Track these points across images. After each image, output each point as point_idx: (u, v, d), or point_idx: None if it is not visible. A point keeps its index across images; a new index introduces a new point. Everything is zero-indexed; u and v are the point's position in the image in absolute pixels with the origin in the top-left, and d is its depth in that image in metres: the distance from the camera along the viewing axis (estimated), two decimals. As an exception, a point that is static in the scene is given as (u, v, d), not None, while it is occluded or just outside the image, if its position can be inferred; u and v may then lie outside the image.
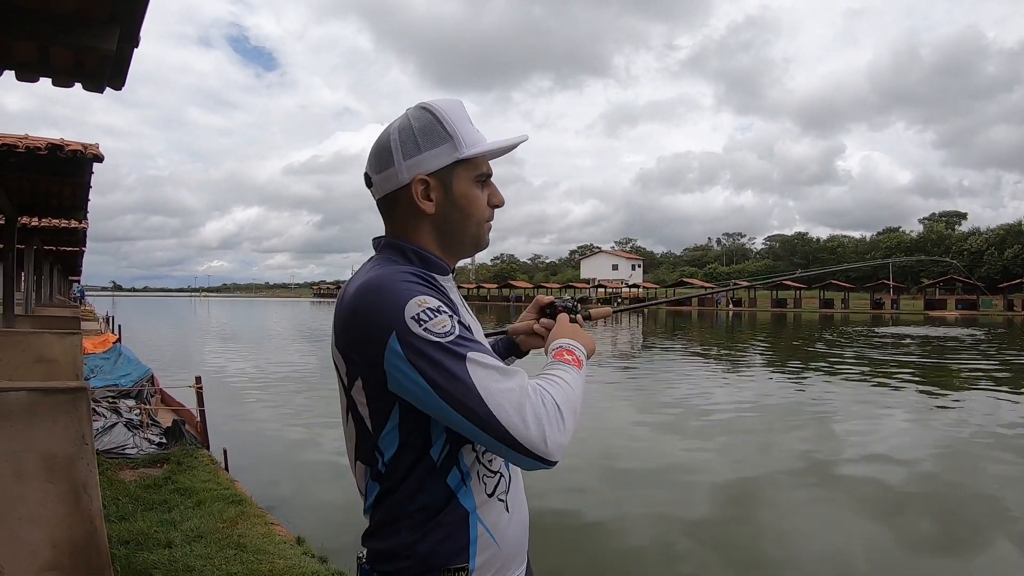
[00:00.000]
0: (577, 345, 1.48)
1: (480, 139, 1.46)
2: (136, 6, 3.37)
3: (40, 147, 6.49)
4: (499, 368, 1.24)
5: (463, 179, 1.44)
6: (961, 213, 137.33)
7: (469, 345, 1.25)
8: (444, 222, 1.45)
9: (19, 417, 3.24)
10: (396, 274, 1.30)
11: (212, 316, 67.65)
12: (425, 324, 1.23)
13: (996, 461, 9.78)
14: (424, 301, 1.25)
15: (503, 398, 1.20)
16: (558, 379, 1.32)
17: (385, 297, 1.26)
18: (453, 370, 1.21)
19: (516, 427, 1.19)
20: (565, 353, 1.44)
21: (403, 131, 1.42)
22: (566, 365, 1.39)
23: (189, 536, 5.32)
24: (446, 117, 1.42)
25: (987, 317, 63.46)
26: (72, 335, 7.51)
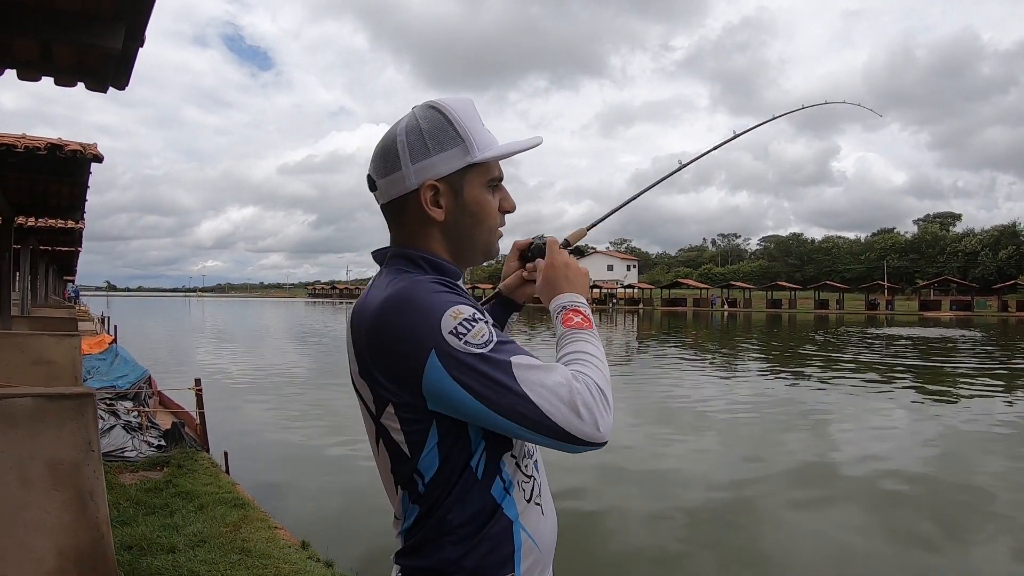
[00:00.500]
0: (579, 299, 1.45)
1: (492, 141, 1.38)
2: (142, 3, 3.31)
3: (39, 147, 6.41)
4: (541, 366, 1.20)
5: (475, 184, 1.37)
6: (955, 214, 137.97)
7: (508, 348, 1.20)
8: (455, 229, 1.39)
9: (24, 423, 3.18)
10: (420, 285, 1.24)
11: (207, 316, 67.49)
12: (465, 336, 1.17)
13: (990, 461, 9.81)
14: (459, 311, 1.19)
15: (553, 396, 1.16)
16: (588, 357, 1.28)
17: (416, 313, 1.19)
18: (501, 380, 1.16)
19: (571, 423, 1.16)
20: (573, 315, 1.40)
21: (411, 132, 1.34)
22: (583, 332, 1.35)
23: (192, 541, 5.25)
24: (457, 117, 1.34)
25: (982, 318, 63.65)
26: (71, 337, 7.43)
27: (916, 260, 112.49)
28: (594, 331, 1.37)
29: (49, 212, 10.90)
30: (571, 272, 1.51)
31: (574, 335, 1.35)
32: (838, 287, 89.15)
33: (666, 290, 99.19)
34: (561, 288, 1.47)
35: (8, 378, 6.43)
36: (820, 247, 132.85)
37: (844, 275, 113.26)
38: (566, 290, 1.47)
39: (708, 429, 11.94)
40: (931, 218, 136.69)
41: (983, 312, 71.56)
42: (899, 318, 63.88)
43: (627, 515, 7.34)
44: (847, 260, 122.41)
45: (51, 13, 3.31)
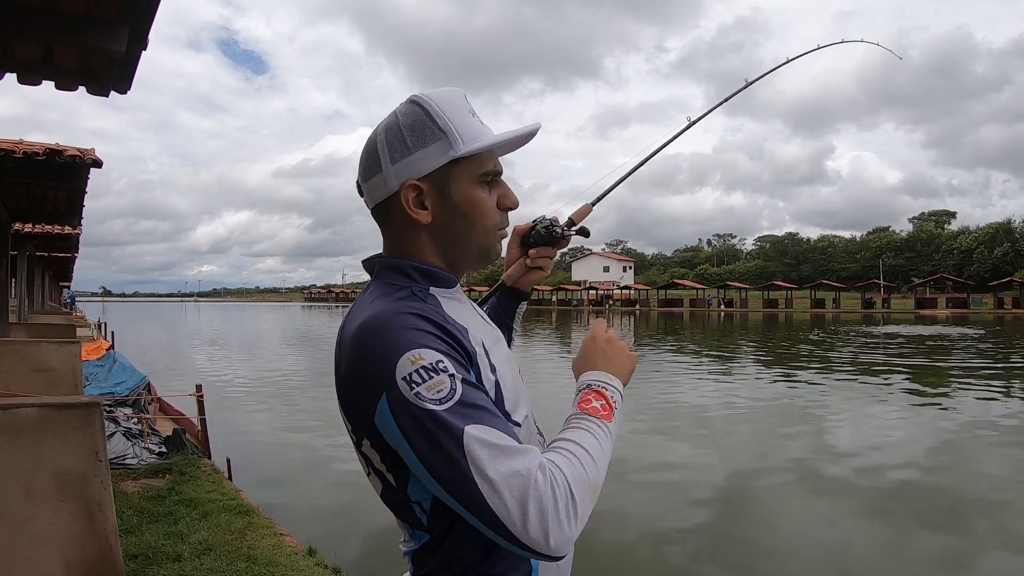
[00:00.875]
0: (610, 382, 1.27)
1: (483, 132, 1.26)
2: (147, 5, 3.25)
3: (38, 152, 6.35)
4: (503, 447, 1.03)
5: (463, 180, 1.25)
6: (950, 212, 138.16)
7: (469, 413, 1.05)
8: (445, 232, 1.27)
9: (29, 434, 3.12)
10: (394, 316, 1.11)
11: (204, 321, 67.41)
12: (417, 387, 1.04)
13: (988, 457, 9.84)
14: (419, 357, 1.06)
15: (503, 485, 1.01)
16: (577, 450, 1.11)
17: (377, 349, 1.08)
18: (445, 446, 1.02)
19: (513, 522, 1.00)
20: (594, 397, 1.23)
21: (390, 131, 1.25)
22: (592, 420, 1.18)
23: (198, 549, 5.19)
24: (438, 109, 1.23)
25: (978, 315, 63.77)
26: (71, 344, 7.38)
27: (912, 258, 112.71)
28: (610, 423, 1.20)
29: (46, 218, 10.83)
30: (612, 349, 1.35)
31: (581, 420, 1.18)
32: (834, 286, 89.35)
33: (662, 291, 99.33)
34: (595, 364, 1.31)
35: (8, 386, 6.38)
36: (816, 246, 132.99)
37: (840, 274, 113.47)
38: (600, 367, 1.30)
39: (706, 429, 11.92)
40: (926, 216, 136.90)
41: (979, 309, 71.73)
42: (895, 316, 63.98)
43: (626, 516, 7.30)
44: (843, 259, 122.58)
45: (54, 14, 3.24)
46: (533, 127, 1.31)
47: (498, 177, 1.30)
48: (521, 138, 1.32)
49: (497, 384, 1.21)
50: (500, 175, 1.31)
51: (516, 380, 1.29)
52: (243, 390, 16.93)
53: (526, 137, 1.33)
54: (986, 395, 15.16)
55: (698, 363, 23.46)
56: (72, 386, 6.94)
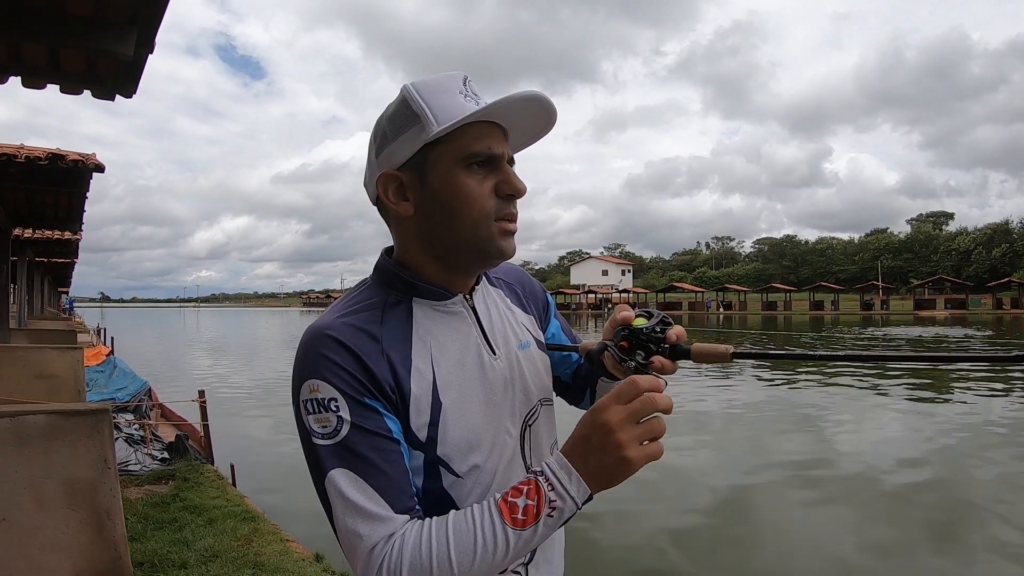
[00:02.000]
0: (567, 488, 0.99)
1: (466, 109, 1.11)
2: (156, 8, 3.22)
3: (40, 157, 6.32)
4: (356, 505, 1.01)
5: (442, 165, 1.12)
6: (948, 213, 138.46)
7: (345, 457, 1.02)
8: (427, 224, 1.16)
9: (38, 441, 3.09)
10: (322, 336, 1.07)
11: (203, 327, 67.35)
12: (310, 416, 1.05)
13: (988, 460, 9.79)
14: (316, 388, 1.04)
15: (343, 537, 1.04)
16: (440, 542, 0.99)
17: (297, 363, 1.09)
18: (315, 475, 1.06)
19: (352, 567, 1.05)
20: (528, 493, 1.00)
21: (378, 124, 1.18)
22: (494, 519, 0.99)
23: (204, 556, 5.16)
24: (414, 93, 1.13)
25: (976, 316, 63.78)
26: (73, 350, 7.33)
27: (910, 260, 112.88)
28: (519, 531, 0.98)
29: (47, 223, 10.79)
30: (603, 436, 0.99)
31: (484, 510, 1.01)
32: (833, 288, 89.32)
33: (661, 294, 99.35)
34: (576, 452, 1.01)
35: (10, 392, 6.33)
36: (814, 248, 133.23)
37: (838, 276, 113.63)
38: (576, 461, 1.00)
39: (705, 432, 11.88)
40: (924, 217, 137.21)
41: (978, 310, 71.72)
42: (894, 318, 63.97)
43: (624, 519, 7.28)
44: (841, 261, 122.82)
45: (62, 18, 3.22)
46: (528, 92, 1.11)
47: (496, 160, 1.15)
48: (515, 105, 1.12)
49: (434, 423, 1.11)
50: (499, 158, 1.15)
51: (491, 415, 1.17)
52: (244, 395, 16.88)
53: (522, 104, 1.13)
54: (987, 397, 15.13)
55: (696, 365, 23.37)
56: (75, 392, 6.90)
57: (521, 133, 1.21)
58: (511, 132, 1.19)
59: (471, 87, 1.16)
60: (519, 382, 1.24)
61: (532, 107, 1.15)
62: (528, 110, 1.15)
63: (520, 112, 1.15)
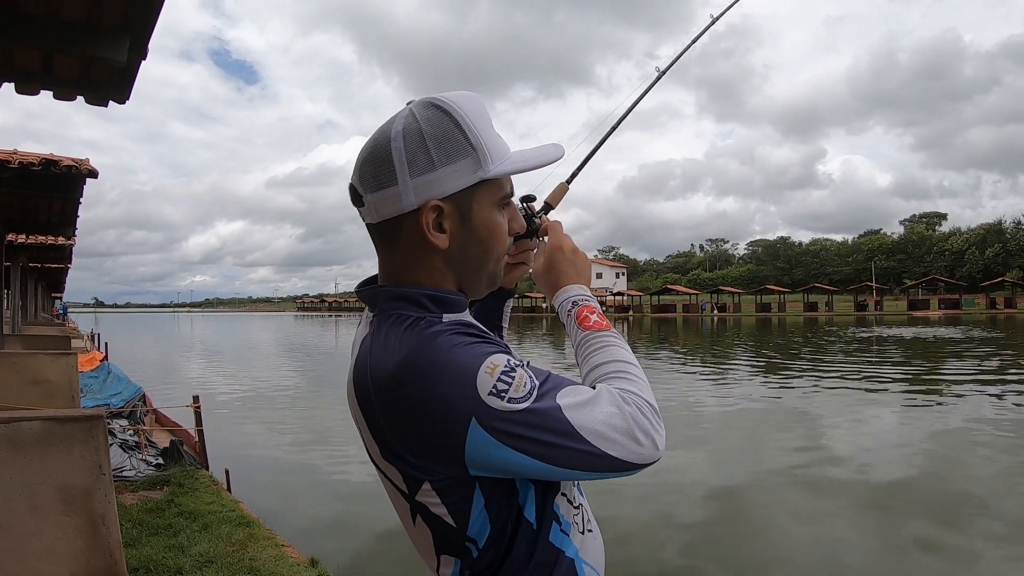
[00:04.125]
0: (588, 293, 1.29)
1: (504, 148, 1.14)
2: (149, 13, 3.23)
3: (34, 162, 6.31)
4: (588, 399, 1.04)
5: (485, 203, 1.14)
6: (941, 214, 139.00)
7: (550, 389, 1.03)
8: (460, 259, 1.15)
9: (33, 448, 3.08)
10: (437, 338, 1.03)
11: (196, 332, 67.21)
12: (507, 394, 0.99)
13: (983, 458, 9.86)
14: (494, 364, 1.01)
15: (610, 430, 1.02)
16: (627, 368, 1.15)
17: (445, 378, 0.99)
18: (556, 429, 1.00)
19: (632, 452, 1.03)
20: (588, 313, 1.24)
21: (409, 137, 1.08)
22: (607, 336, 1.21)
23: (199, 561, 5.15)
24: (468, 121, 1.10)
25: (970, 316, 63.99)
26: (67, 355, 7.32)
27: (903, 260, 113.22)
28: (616, 331, 1.22)
29: (40, 229, 10.77)
30: (579, 260, 1.33)
31: (599, 340, 1.20)
32: (827, 289, 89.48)
33: (655, 297, 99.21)
34: (568, 278, 1.30)
35: (4, 399, 6.32)
36: (808, 250, 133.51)
37: (832, 277, 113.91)
38: (573, 280, 1.30)
39: (702, 433, 11.92)
40: (917, 218, 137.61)
41: (971, 310, 71.98)
42: (888, 318, 64.15)
43: (620, 521, 7.29)
44: (835, 262, 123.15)
45: (56, 24, 3.22)
46: (556, 150, 1.19)
47: (511, 199, 1.21)
48: (546, 163, 1.19)
49: None
50: (512, 197, 1.21)
51: None
52: (238, 401, 16.84)
53: (551, 163, 1.20)
54: (981, 395, 15.18)
55: (692, 367, 23.43)
56: (69, 398, 6.88)
57: None
58: None
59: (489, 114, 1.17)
60: None
61: None
62: None
63: None
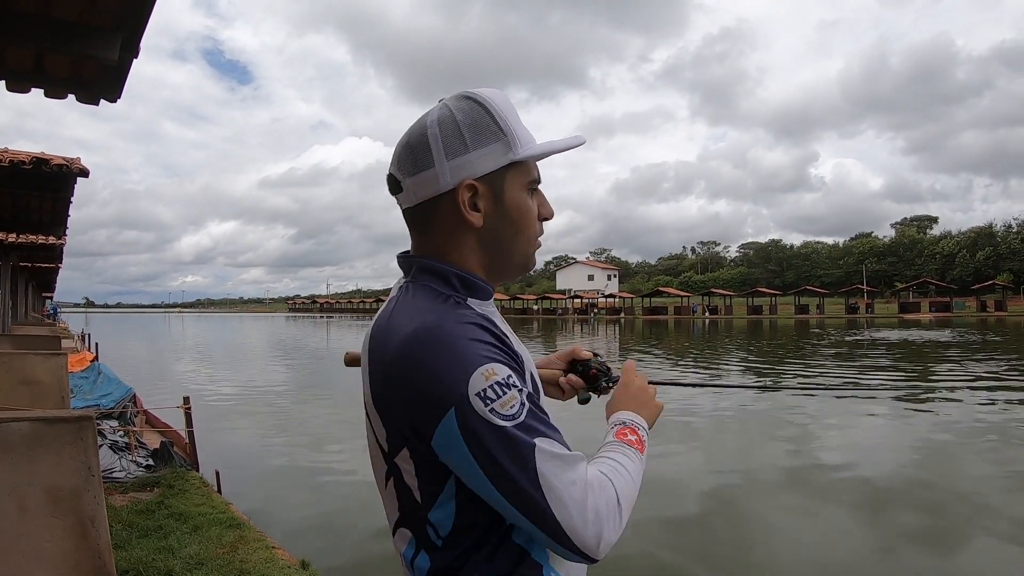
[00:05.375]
0: (642, 424, 1.32)
1: (532, 137, 1.24)
2: (141, 13, 3.21)
3: (24, 161, 6.25)
4: (564, 457, 1.06)
5: (516, 185, 1.21)
6: (932, 217, 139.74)
7: (537, 427, 1.06)
8: (492, 238, 1.22)
9: (21, 449, 3.05)
10: (456, 326, 1.08)
11: (188, 332, 66.98)
12: (492, 403, 1.03)
13: (974, 460, 9.92)
14: (492, 372, 1.04)
15: (566, 494, 1.04)
16: (622, 469, 1.15)
17: (446, 360, 1.04)
18: (517, 462, 1.03)
19: (573, 527, 1.04)
20: (629, 432, 1.27)
21: (444, 124, 1.17)
22: (629, 449, 1.22)
23: (189, 563, 5.12)
24: (498, 109, 1.19)
25: (961, 319, 64.25)
26: (57, 356, 7.26)
27: (894, 263, 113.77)
28: (643, 455, 1.25)
29: (31, 228, 10.69)
30: (643, 396, 1.41)
31: (619, 447, 1.22)
32: (818, 292, 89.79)
33: (647, 299, 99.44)
34: (628, 407, 1.36)
35: (-7, 399, 6.28)
36: (799, 252, 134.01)
37: (823, 280, 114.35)
38: (633, 409, 1.35)
39: (693, 436, 11.91)
40: (908, 221, 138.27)
41: (962, 313, 72.29)
42: (879, 321, 64.40)
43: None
44: (826, 265, 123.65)
45: (47, 22, 3.19)
46: (579, 139, 1.27)
47: (538, 185, 1.28)
48: (568, 148, 1.27)
49: (537, 390, 1.20)
50: (540, 183, 1.28)
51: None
52: (229, 402, 16.79)
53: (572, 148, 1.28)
54: (972, 398, 15.23)
55: (683, 369, 23.45)
56: (59, 399, 6.84)
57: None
58: None
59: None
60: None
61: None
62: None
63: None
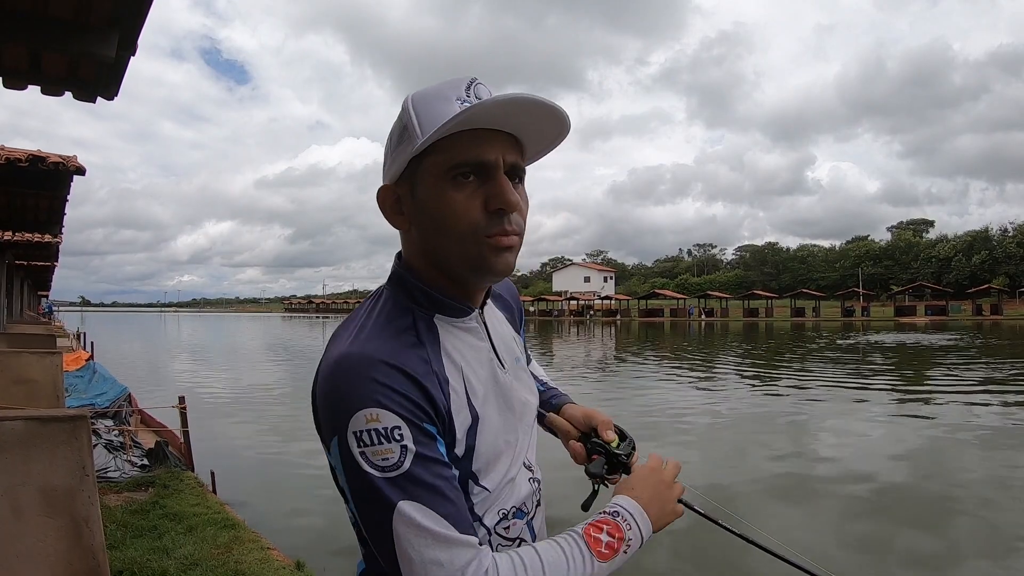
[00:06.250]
0: (641, 525, 1.15)
1: (448, 113, 1.06)
2: (138, 11, 3.19)
3: (20, 158, 6.23)
4: (434, 532, 0.98)
5: (430, 176, 1.09)
6: (928, 221, 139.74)
7: (410, 489, 0.99)
8: (421, 239, 1.14)
9: (15, 448, 3.03)
10: (371, 360, 1.02)
11: (183, 332, 66.87)
12: (364, 448, 0.99)
13: (968, 462, 9.95)
14: (375, 417, 0.99)
15: (423, 567, 0.97)
16: (533, 568, 1.02)
17: (341, 392, 1.01)
18: (374, 513, 0.99)
19: None
20: (609, 529, 1.11)
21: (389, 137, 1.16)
22: (582, 550, 1.07)
23: (184, 564, 5.10)
24: (409, 105, 1.10)
25: (956, 322, 64.36)
26: (52, 355, 7.24)
27: (890, 267, 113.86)
28: (601, 563, 1.08)
29: (27, 226, 10.67)
30: (666, 494, 1.24)
31: (571, 541, 1.08)
32: (814, 295, 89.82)
33: (643, 301, 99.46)
34: (639, 496, 1.20)
35: (-13, 398, 6.26)
36: (795, 256, 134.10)
37: (819, 283, 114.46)
38: (643, 502, 1.19)
39: (688, 437, 11.93)
40: (904, 225, 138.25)
41: (958, 316, 72.38)
42: (875, 324, 64.46)
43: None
44: (822, 268, 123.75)
45: (44, 21, 3.18)
46: (508, 96, 1.04)
47: (488, 169, 1.09)
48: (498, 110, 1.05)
49: (472, 432, 1.12)
50: (491, 167, 1.09)
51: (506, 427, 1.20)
52: (225, 402, 16.76)
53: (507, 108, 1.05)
54: (966, 401, 15.24)
55: (679, 371, 23.44)
56: (54, 398, 6.82)
57: (534, 140, 1.15)
58: (524, 140, 1.14)
59: (476, 91, 1.10)
60: (522, 393, 1.27)
61: (529, 110, 1.07)
62: (528, 114, 1.08)
63: (521, 117, 1.08)
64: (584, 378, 21.85)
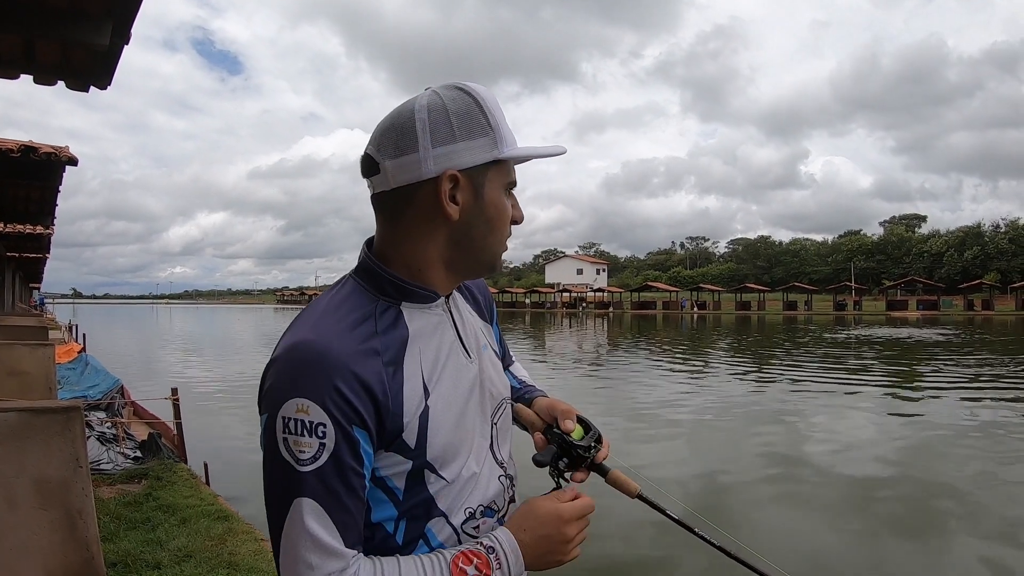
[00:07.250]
0: (508, 562, 1.11)
1: (515, 140, 1.18)
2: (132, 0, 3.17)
3: (12, 149, 6.19)
4: (317, 539, 0.99)
5: (496, 184, 1.17)
6: (921, 216, 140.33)
7: (315, 489, 1.00)
8: (465, 234, 1.17)
9: (9, 440, 3.02)
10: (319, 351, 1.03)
11: (175, 324, 66.72)
12: (287, 435, 1.01)
13: (958, 456, 9.98)
14: (304, 409, 1.00)
15: (293, 564, 1.00)
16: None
17: (284, 377, 1.03)
18: (277, 496, 1.03)
19: None
20: (478, 564, 1.09)
21: (434, 111, 1.11)
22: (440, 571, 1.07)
23: (178, 556, 5.10)
24: (489, 105, 1.14)
25: (948, 317, 64.61)
26: (45, 346, 7.22)
27: (882, 261, 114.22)
28: None
29: (18, 217, 10.62)
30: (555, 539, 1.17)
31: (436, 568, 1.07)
32: (806, 288, 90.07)
33: (636, 293, 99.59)
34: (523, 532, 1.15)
35: (-21, 390, 6.23)
36: (788, 249, 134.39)
37: (812, 277, 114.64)
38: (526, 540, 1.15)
39: (680, 430, 11.99)
40: (897, 220, 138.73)
41: (949, 311, 72.66)
42: (867, 318, 64.68)
43: (601, 520, 7.27)
44: (814, 262, 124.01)
45: (38, 9, 3.15)
46: (560, 148, 1.23)
47: (514, 189, 1.24)
48: (549, 155, 1.23)
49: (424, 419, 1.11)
50: (515, 187, 1.24)
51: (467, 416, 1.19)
52: (217, 394, 16.74)
53: (552, 155, 1.24)
54: (958, 396, 15.31)
55: (670, 364, 23.47)
56: (46, 390, 6.79)
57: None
58: None
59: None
60: (488, 383, 1.27)
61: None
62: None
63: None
64: (574, 370, 21.88)
